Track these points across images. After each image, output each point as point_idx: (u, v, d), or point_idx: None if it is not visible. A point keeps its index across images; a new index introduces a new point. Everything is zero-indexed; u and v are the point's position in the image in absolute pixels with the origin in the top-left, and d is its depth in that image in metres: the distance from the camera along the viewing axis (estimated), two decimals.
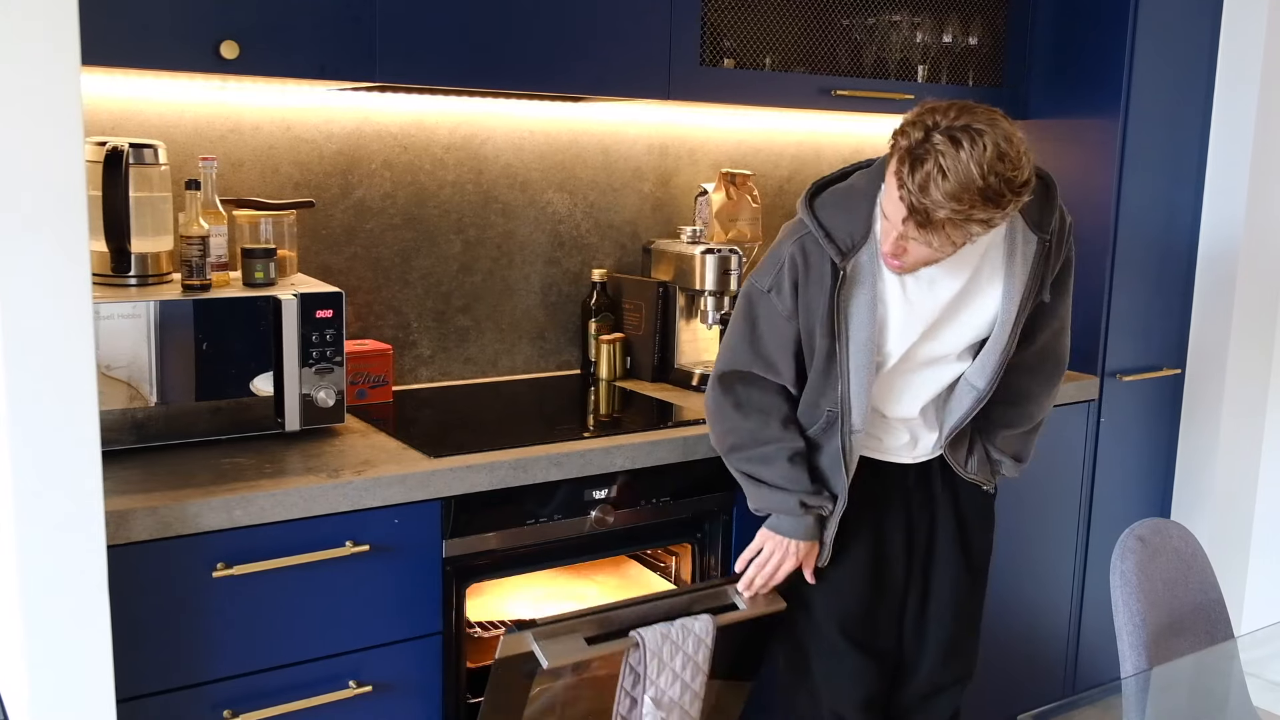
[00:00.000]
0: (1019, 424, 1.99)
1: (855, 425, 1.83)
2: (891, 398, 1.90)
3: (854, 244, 1.74)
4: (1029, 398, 1.98)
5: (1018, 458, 2.03)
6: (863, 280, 1.75)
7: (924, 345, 1.84)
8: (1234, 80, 2.81)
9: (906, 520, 1.98)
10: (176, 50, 1.78)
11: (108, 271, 1.84)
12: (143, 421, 1.80)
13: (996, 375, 1.86)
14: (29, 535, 1.44)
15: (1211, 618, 1.82)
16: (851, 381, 1.80)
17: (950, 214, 1.55)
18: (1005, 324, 1.83)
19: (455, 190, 2.43)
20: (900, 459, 1.96)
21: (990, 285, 1.82)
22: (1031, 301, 1.84)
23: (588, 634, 1.79)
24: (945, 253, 1.67)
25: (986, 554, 2.09)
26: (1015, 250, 1.80)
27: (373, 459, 1.84)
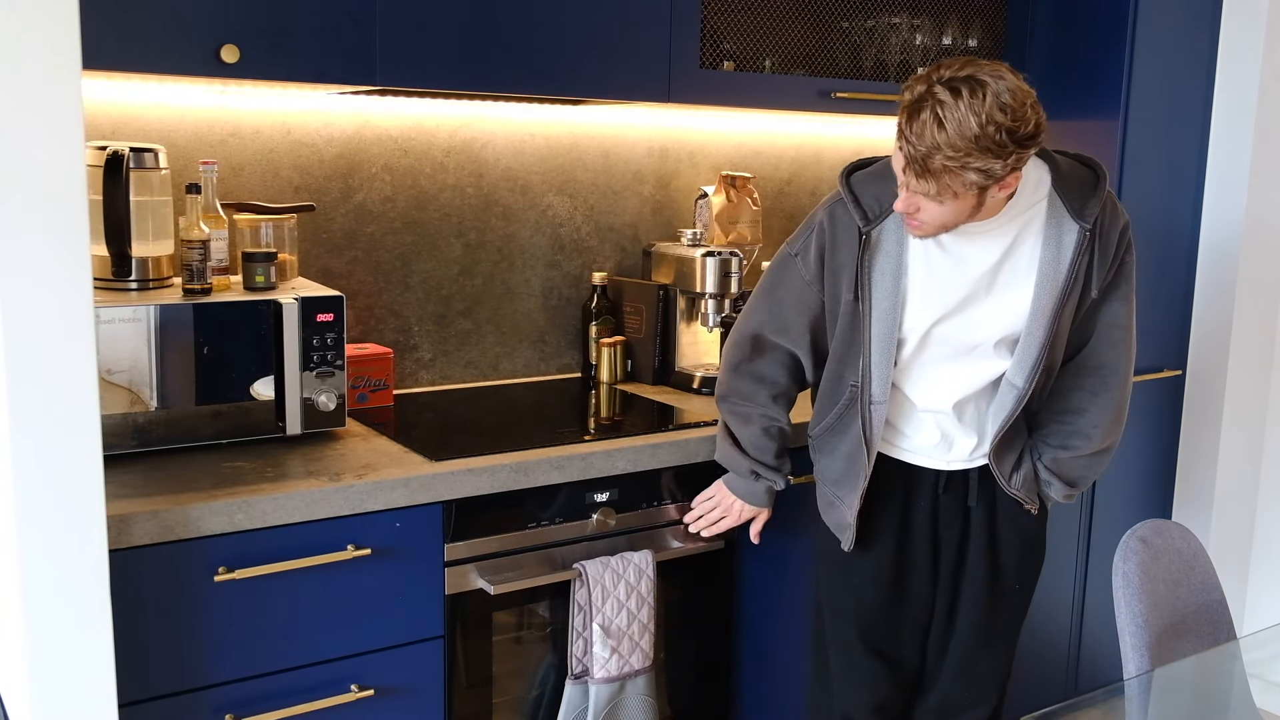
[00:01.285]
0: (1072, 445, 1.87)
1: (875, 396, 1.80)
2: (922, 384, 1.83)
3: (880, 212, 1.75)
4: (1077, 412, 1.86)
5: (1070, 482, 1.90)
6: (887, 249, 1.75)
7: (952, 327, 1.77)
8: (1233, 81, 2.81)
9: (933, 528, 1.92)
10: (177, 54, 1.78)
11: (108, 276, 1.84)
12: (144, 426, 1.80)
13: (1035, 371, 1.76)
14: (31, 540, 1.44)
15: (1214, 619, 1.82)
16: (874, 349, 1.78)
17: (945, 161, 1.53)
18: (1040, 314, 1.74)
19: (456, 194, 2.43)
20: (933, 462, 1.89)
21: (1026, 272, 1.74)
22: (1075, 297, 1.75)
23: (532, 568, 1.93)
24: (953, 209, 1.60)
25: (1025, 577, 1.96)
26: (1055, 238, 1.72)
27: (374, 463, 1.84)
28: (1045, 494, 1.93)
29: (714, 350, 2.55)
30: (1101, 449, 1.89)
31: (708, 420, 2.17)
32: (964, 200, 1.60)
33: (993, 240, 1.73)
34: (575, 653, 1.95)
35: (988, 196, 1.61)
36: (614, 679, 1.95)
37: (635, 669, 1.98)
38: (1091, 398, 1.86)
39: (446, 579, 1.85)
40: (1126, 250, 1.81)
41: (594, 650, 1.94)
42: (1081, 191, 1.72)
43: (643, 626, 1.98)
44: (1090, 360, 1.85)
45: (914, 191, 1.61)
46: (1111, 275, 1.80)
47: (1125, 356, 1.87)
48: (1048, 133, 1.58)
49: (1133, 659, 1.68)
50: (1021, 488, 1.88)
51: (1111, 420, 1.88)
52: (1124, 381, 1.88)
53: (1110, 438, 1.89)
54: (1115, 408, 1.87)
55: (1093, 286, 1.77)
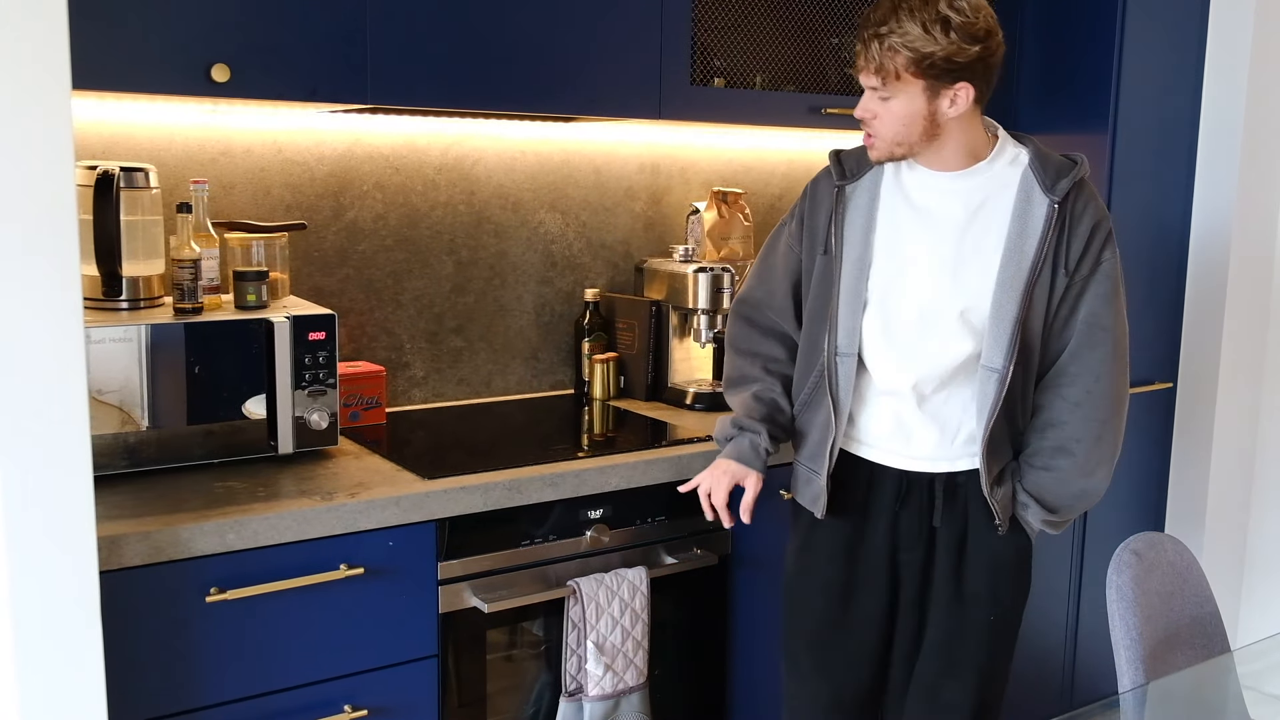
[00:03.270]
0: (1055, 465, 1.78)
1: (840, 346, 1.79)
2: (883, 356, 1.78)
3: (857, 170, 1.83)
4: (1058, 425, 1.78)
5: (1050, 508, 1.81)
6: (859, 204, 1.81)
7: (916, 286, 1.75)
8: (1220, 94, 2.83)
9: (892, 551, 1.84)
10: (168, 74, 1.78)
11: (99, 295, 1.83)
12: (135, 446, 1.79)
13: (1012, 350, 1.71)
14: (21, 561, 1.43)
15: (1208, 631, 1.82)
16: (841, 300, 1.78)
17: (885, 30, 1.64)
18: (1007, 286, 1.71)
19: (447, 211, 2.44)
20: (892, 458, 1.82)
21: (994, 245, 1.73)
22: (1046, 276, 1.72)
23: (526, 586, 1.92)
24: (903, 112, 1.68)
25: (1002, 611, 1.84)
26: (1024, 211, 1.72)
27: (367, 481, 1.84)
28: (1024, 519, 1.82)
29: (706, 366, 2.55)
30: (1088, 474, 1.78)
31: (701, 436, 2.17)
32: (910, 101, 1.67)
33: (959, 199, 1.75)
34: (569, 670, 1.94)
35: (938, 110, 1.67)
36: (608, 696, 1.95)
37: (629, 686, 1.97)
38: (1073, 409, 1.77)
39: (440, 598, 1.84)
40: (1105, 246, 1.76)
41: (588, 667, 1.93)
42: (1057, 172, 1.73)
43: (637, 643, 1.98)
44: (1071, 364, 1.77)
45: (865, 86, 1.71)
46: (1089, 269, 1.75)
47: (1110, 366, 1.77)
48: (999, 55, 1.69)
49: (1127, 672, 1.68)
50: (999, 501, 1.79)
51: (1095, 436, 1.77)
52: (1110, 395, 1.78)
53: (1097, 460, 1.78)
54: (1100, 422, 1.77)
55: (1062, 267, 1.73)
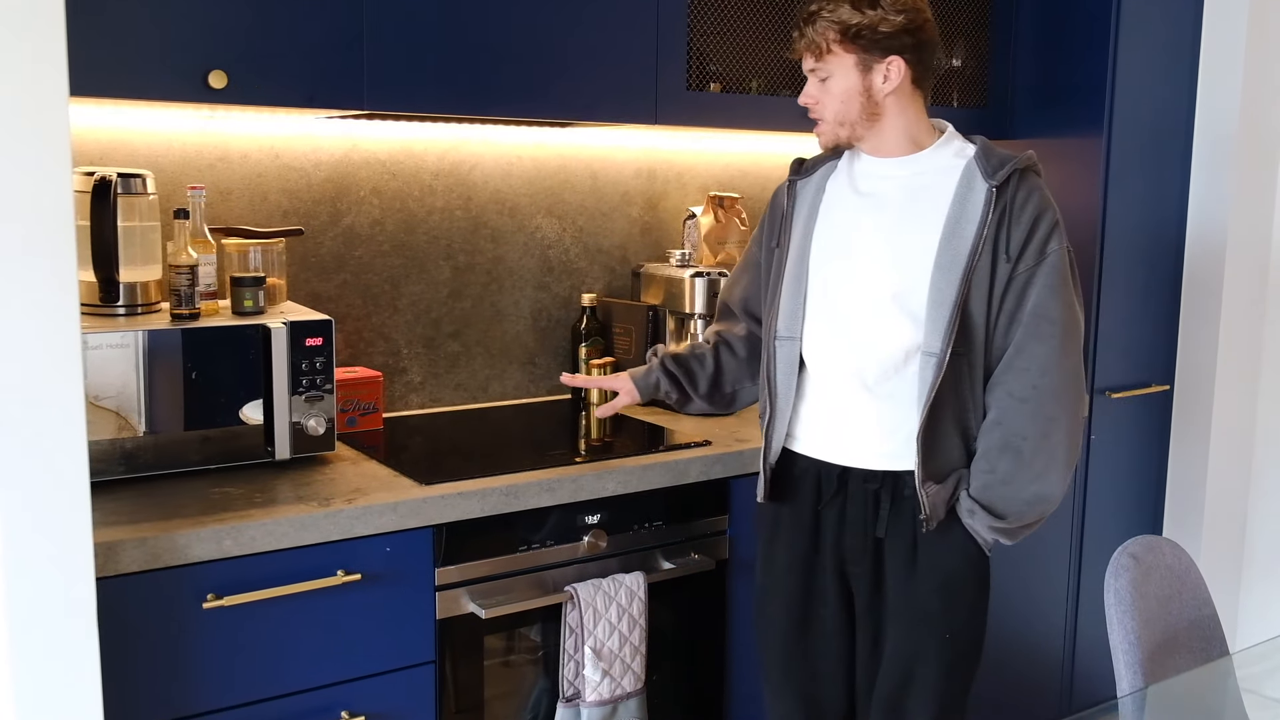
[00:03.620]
0: (999, 464, 1.72)
1: (780, 330, 1.82)
2: (821, 340, 1.79)
3: (813, 168, 1.89)
4: (1004, 424, 1.72)
5: (998, 514, 1.73)
6: (807, 196, 1.87)
7: (854, 264, 1.76)
8: (1215, 97, 2.83)
9: (840, 564, 1.82)
10: (165, 80, 1.78)
11: (96, 301, 1.83)
12: (132, 452, 1.79)
13: (950, 333, 1.68)
14: (17, 567, 1.43)
15: (1206, 634, 1.82)
16: (785, 284, 1.83)
17: (817, 8, 1.72)
18: (946, 269, 1.70)
19: (444, 216, 2.44)
20: (832, 453, 1.80)
21: (932, 224, 1.72)
22: (987, 261, 1.70)
23: (523, 591, 1.91)
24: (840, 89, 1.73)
25: (958, 628, 1.79)
26: (964, 197, 1.72)
27: (364, 487, 1.83)
28: (973, 529, 1.75)
29: None
30: (1038, 477, 1.71)
31: (698, 441, 2.17)
32: (846, 76, 1.73)
33: (898, 184, 1.79)
34: (567, 676, 1.94)
35: (873, 85, 1.73)
36: (606, 702, 1.94)
37: (627, 691, 1.97)
38: (1019, 404, 1.71)
39: (437, 603, 1.84)
40: (1050, 238, 1.73)
41: (585, 673, 1.93)
42: (1001, 161, 1.74)
43: (634, 648, 1.97)
44: (1018, 358, 1.72)
45: (805, 72, 1.78)
46: (1034, 260, 1.71)
47: (1059, 361, 1.71)
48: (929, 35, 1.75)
49: (1126, 676, 1.68)
50: (933, 496, 1.72)
51: (1042, 434, 1.70)
52: (1058, 391, 1.71)
53: (1047, 462, 1.71)
54: (1047, 419, 1.70)
55: (1004, 253, 1.71)
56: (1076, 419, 1.76)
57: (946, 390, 1.72)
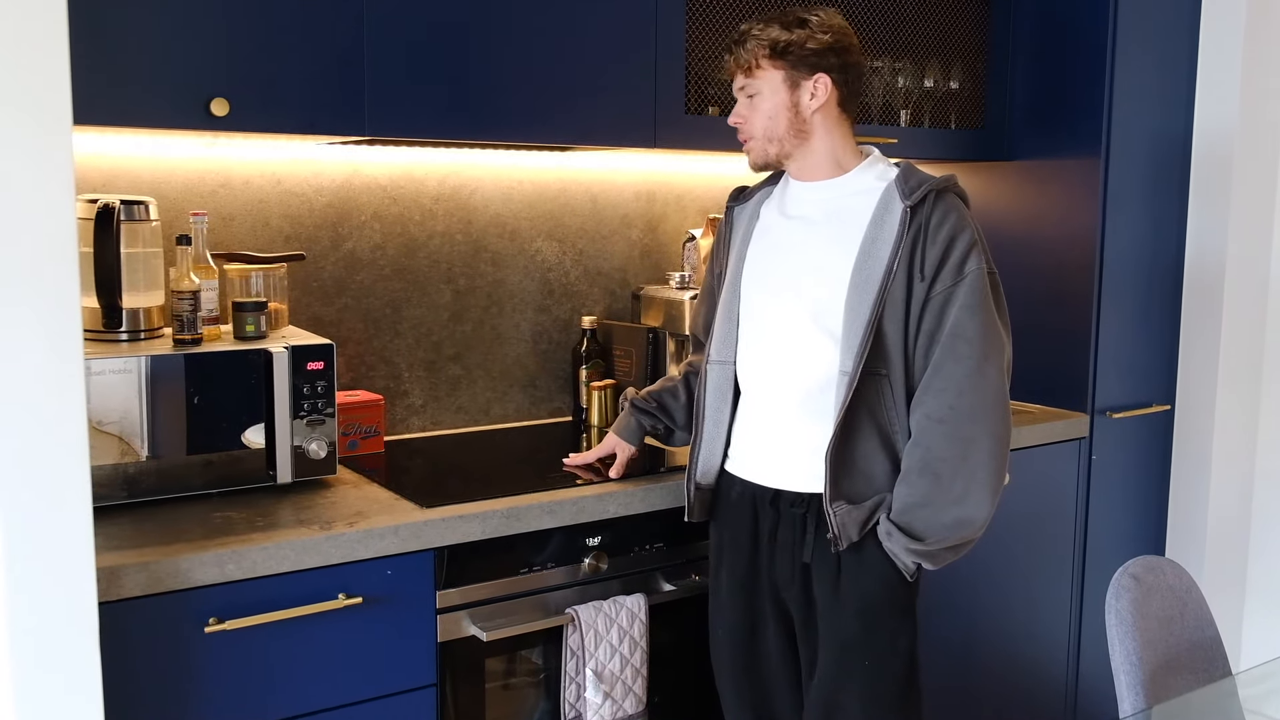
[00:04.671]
0: (918, 486, 1.69)
1: (712, 354, 1.89)
2: (751, 361, 1.85)
3: (750, 194, 1.96)
4: (924, 445, 1.70)
5: (916, 535, 1.69)
6: (742, 221, 1.93)
7: (779, 286, 1.82)
8: (1212, 115, 2.85)
9: (774, 589, 1.84)
10: (167, 109, 1.79)
11: (99, 327, 1.84)
12: (134, 476, 1.80)
13: (863, 350, 1.68)
14: (20, 592, 1.43)
15: (1209, 655, 1.82)
16: (720, 307, 1.90)
17: (749, 31, 1.79)
18: (861, 288, 1.71)
19: (445, 240, 2.45)
20: (763, 473, 1.82)
21: (849, 242, 1.75)
22: (902, 279, 1.70)
23: (524, 614, 1.92)
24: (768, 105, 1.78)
25: (872, 651, 1.74)
26: (881, 218, 1.74)
27: (365, 510, 1.84)
28: (891, 552, 1.72)
29: None
30: (958, 501, 1.68)
31: None
32: (774, 93, 1.78)
33: (819, 206, 1.83)
34: (568, 698, 1.94)
35: (800, 101, 1.77)
36: None
37: (628, 713, 1.96)
38: (936, 425, 1.69)
39: (438, 626, 1.84)
40: (968, 258, 1.71)
41: (587, 695, 1.92)
42: (918, 182, 1.75)
43: (635, 671, 1.97)
44: (935, 378, 1.70)
45: (735, 91, 1.83)
46: (951, 280, 1.70)
47: (976, 381, 1.69)
48: (855, 58, 1.81)
49: (1128, 697, 1.67)
50: (844, 517, 1.70)
51: (961, 456, 1.67)
52: (976, 411, 1.69)
53: (967, 485, 1.68)
54: (965, 440, 1.68)
55: (919, 272, 1.69)
56: (998, 440, 1.71)
57: (865, 411, 1.72)
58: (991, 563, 2.61)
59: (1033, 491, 2.67)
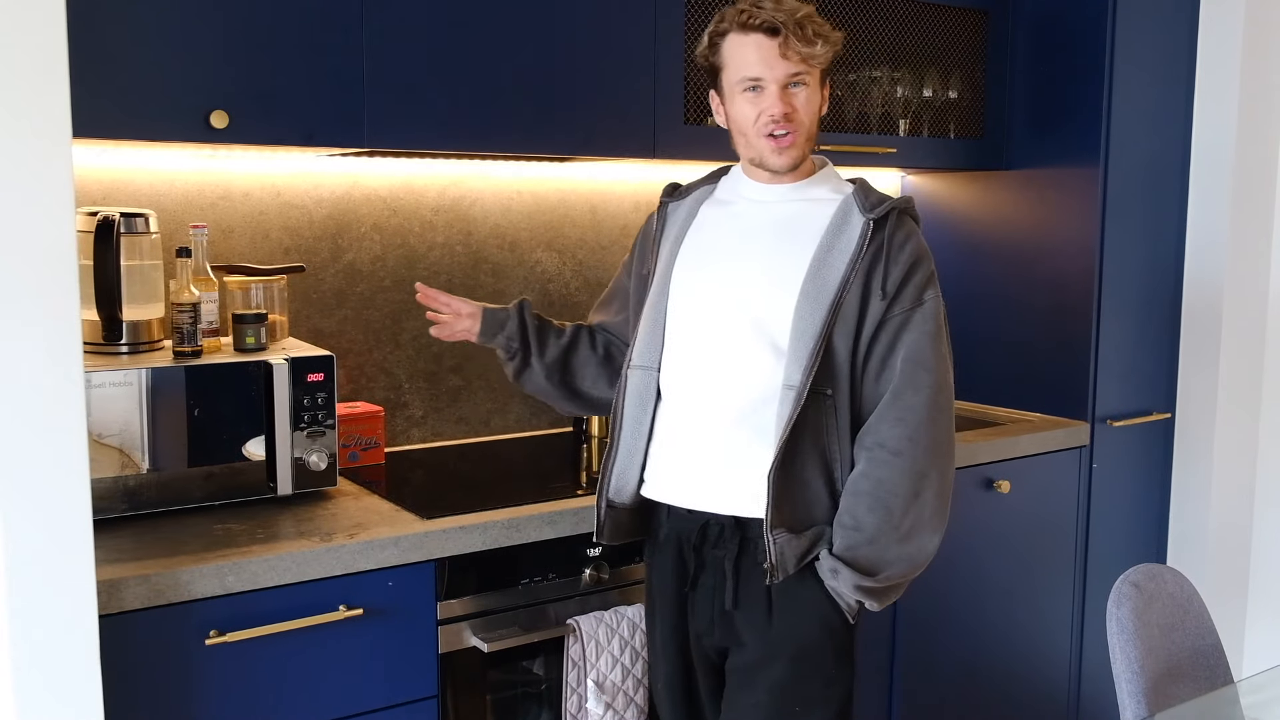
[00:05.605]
0: (866, 521, 1.59)
1: (635, 359, 1.72)
2: (681, 371, 1.69)
3: (685, 191, 1.83)
4: (870, 476, 1.61)
5: (864, 570, 1.59)
6: (677, 219, 1.80)
7: (717, 288, 1.68)
8: (1211, 124, 2.86)
9: (693, 614, 1.72)
10: (167, 121, 1.80)
11: (99, 340, 1.85)
12: (135, 489, 1.80)
13: (813, 365, 1.58)
14: (20, 605, 1.43)
15: (1211, 663, 1.81)
16: (646, 310, 1.75)
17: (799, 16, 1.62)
18: (812, 299, 1.61)
19: (445, 251, 2.45)
20: (688, 496, 1.67)
21: (801, 252, 1.65)
22: (856, 296, 1.62)
23: (525, 625, 1.91)
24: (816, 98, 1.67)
25: (805, 692, 1.63)
26: (838, 228, 1.66)
27: (365, 522, 1.84)
28: (835, 591, 1.62)
29: None
30: (905, 539, 1.60)
31: None
32: (815, 94, 1.67)
33: (774, 210, 1.72)
34: (570, 709, 1.93)
35: (822, 108, 1.69)
36: None
37: None
38: (892, 458, 1.59)
39: (439, 637, 1.84)
40: (927, 285, 1.65)
41: (588, 706, 1.92)
42: (880, 199, 1.69)
43: (637, 681, 1.97)
44: (893, 408, 1.61)
45: (780, 75, 1.62)
46: (910, 302, 1.64)
47: (934, 414, 1.61)
48: None
49: (1130, 706, 1.67)
50: (784, 548, 1.58)
51: (913, 493, 1.59)
52: (931, 446, 1.61)
53: (915, 522, 1.60)
54: (918, 476, 1.60)
55: (879, 288, 1.62)
56: (946, 478, 1.65)
57: (808, 432, 1.60)
58: (993, 571, 2.61)
59: (1033, 500, 2.67)
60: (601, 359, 1.90)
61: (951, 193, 3.03)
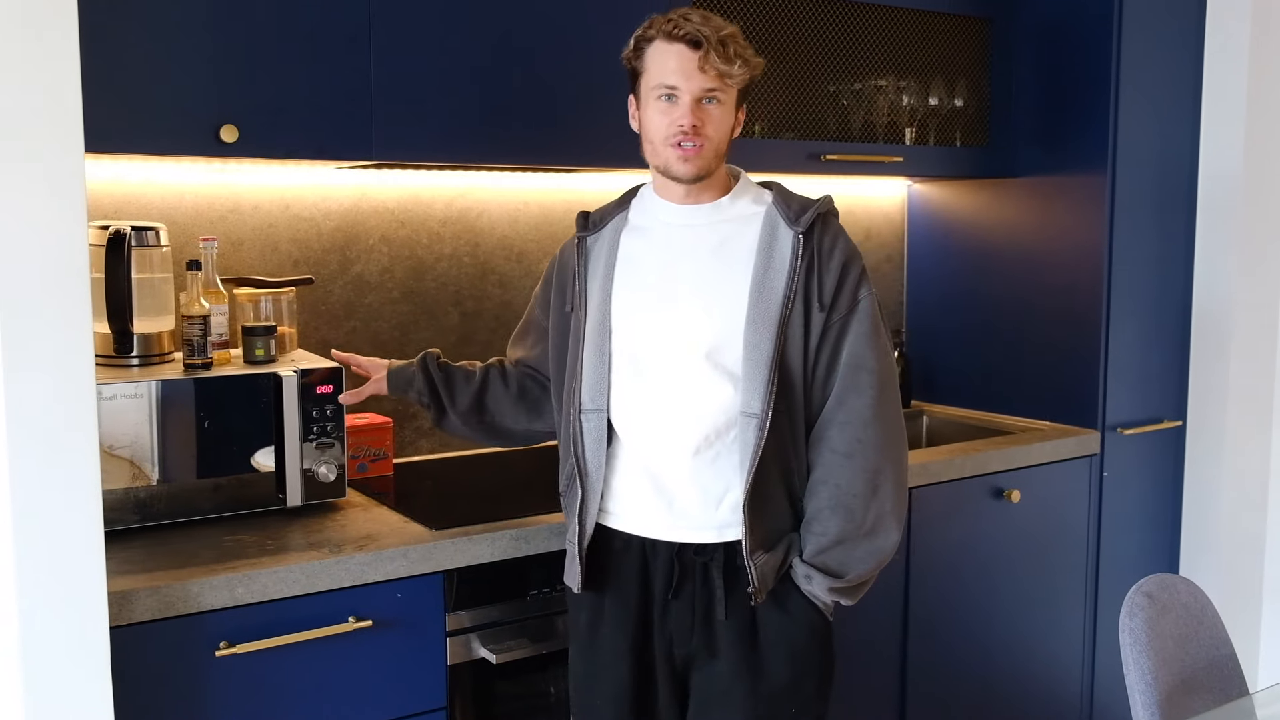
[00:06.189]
0: (831, 525, 1.64)
1: (585, 403, 1.69)
2: (632, 408, 1.68)
3: (600, 222, 1.78)
4: (831, 483, 1.65)
5: (834, 572, 1.64)
6: (599, 252, 1.75)
7: (660, 321, 1.67)
8: (1219, 130, 2.85)
9: (664, 626, 1.69)
10: (177, 136, 1.81)
11: (110, 352, 1.85)
12: (145, 500, 1.80)
13: (769, 391, 1.60)
14: (32, 616, 1.44)
15: (1225, 674, 1.80)
16: (585, 350, 1.70)
17: (720, 34, 1.62)
18: (759, 323, 1.62)
19: (452, 263, 2.46)
20: (657, 528, 1.68)
21: (739, 277, 1.66)
22: (799, 311, 1.64)
23: (534, 637, 1.89)
24: (728, 115, 1.66)
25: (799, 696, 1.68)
26: (769, 246, 1.66)
27: (374, 533, 1.84)
28: (812, 595, 1.66)
29: None
30: (871, 533, 1.65)
31: None
32: (729, 113, 1.67)
33: (701, 234, 1.70)
34: None
35: (734, 129, 1.69)
36: None
37: None
38: (845, 460, 1.64)
39: (448, 649, 1.84)
40: (860, 284, 1.68)
41: None
42: (801, 207, 1.69)
43: None
44: (839, 411, 1.65)
45: (696, 89, 1.62)
46: (846, 308, 1.67)
47: (879, 411, 1.65)
48: None
49: (1144, 718, 1.66)
50: (762, 566, 1.63)
51: (871, 489, 1.64)
52: (881, 443, 1.65)
53: (878, 516, 1.65)
54: (872, 472, 1.64)
55: (816, 301, 1.64)
56: (901, 467, 1.69)
57: (770, 451, 1.62)
58: (1003, 582, 2.60)
59: (1044, 509, 2.66)
60: (516, 395, 1.90)
61: (958, 201, 3.03)
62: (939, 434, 2.98)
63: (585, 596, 1.74)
